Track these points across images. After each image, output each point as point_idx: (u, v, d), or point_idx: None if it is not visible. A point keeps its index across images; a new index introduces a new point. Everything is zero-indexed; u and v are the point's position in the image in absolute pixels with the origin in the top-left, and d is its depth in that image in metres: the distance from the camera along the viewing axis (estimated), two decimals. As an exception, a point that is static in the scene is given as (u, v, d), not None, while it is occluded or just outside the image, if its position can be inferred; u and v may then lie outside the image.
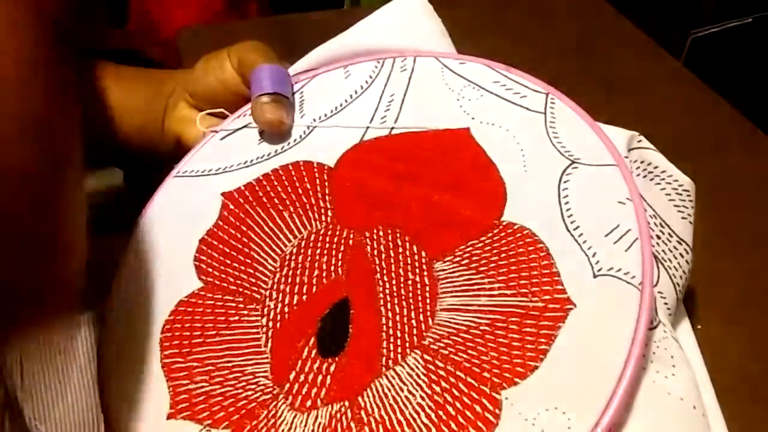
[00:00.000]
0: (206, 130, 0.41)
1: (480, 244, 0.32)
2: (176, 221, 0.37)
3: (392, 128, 0.37)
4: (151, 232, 0.37)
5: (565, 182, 0.33)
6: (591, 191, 0.33)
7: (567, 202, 0.32)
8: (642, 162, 0.35)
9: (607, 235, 0.31)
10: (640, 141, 0.35)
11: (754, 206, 0.33)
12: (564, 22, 0.34)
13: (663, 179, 0.36)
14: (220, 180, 0.38)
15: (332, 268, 0.33)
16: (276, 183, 0.37)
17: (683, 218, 0.36)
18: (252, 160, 0.38)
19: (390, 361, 0.30)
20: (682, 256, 0.36)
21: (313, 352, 0.31)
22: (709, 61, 0.61)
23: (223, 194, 0.37)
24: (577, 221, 0.32)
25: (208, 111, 0.42)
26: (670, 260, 0.35)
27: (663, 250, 0.35)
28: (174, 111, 0.44)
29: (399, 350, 0.30)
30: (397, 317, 0.31)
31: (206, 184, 0.38)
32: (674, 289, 0.35)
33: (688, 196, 0.36)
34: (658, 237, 0.35)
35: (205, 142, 0.40)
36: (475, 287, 0.31)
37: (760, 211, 0.34)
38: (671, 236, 0.36)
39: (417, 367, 0.29)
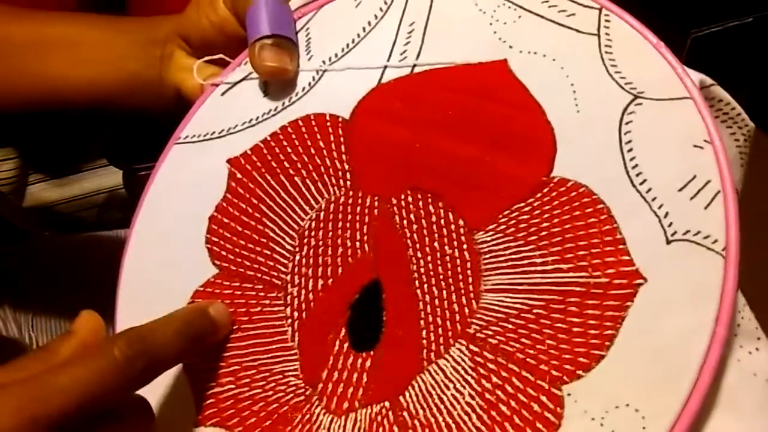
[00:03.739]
0: (204, 83, 0.36)
1: (527, 208, 0.27)
2: (182, 198, 0.33)
3: (414, 65, 0.32)
4: (156, 214, 0.33)
5: (627, 123, 0.27)
6: (660, 133, 0.27)
7: (630, 150, 0.27)
8: (711, 98, 0.29)
9: (681, 190, 0.26)
10: (713, 85, 0.29)
11: (754, 206, 0.30)
12: None
13: (735, 122, 0.30)
14: (224, 144, 0.34)
15: (357, 244, 0.29)
16: (285, 143, 0.32)
17: (741, 165, 0.30)
18: (258, 117, 0.34)
19: (432, 354, 0.26)
20: None
21: (345, 345, 0.28)
22: (709, 61, 0.60)
23: (229, 161, 0.33)
24: (644, 173, 0.26)
25: (205, 58, 0.37)
26: None
27: None
28: (171, 60, 0.39)
29: (441, 340, 0.27)
30: (436, 301, 0.27)
31: (210, 150, 0.34)
32: None
33: (750, 141, 0.30)
34: None
35: (204, 98, 0.35)
36: (525, 262, 0.27)
37: (760, 211, 0.30)
38: None
39: (463, 360, 0.26)
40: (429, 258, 0.28)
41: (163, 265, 0.32)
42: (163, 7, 0.49)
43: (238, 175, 0.32)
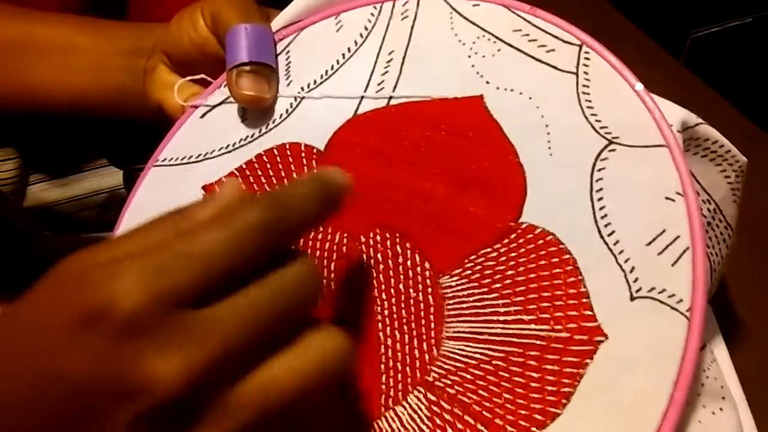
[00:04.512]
0: (185, 104, 0.36)
1: (494, 254, 0.27)
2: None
3: (390, 97, 0.31)
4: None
5: (599, 170, 0.27)
6: (632, 182, 0.26)
7: (601, 198, 0.26)
8: (697, 139, 0.28)
9: (649, 244, 0.25)
10: (699, 124, 0.28)
11: (754, 206, 0.29)
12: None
13: (725, 159, 0.29)
14: (201, 169, 0.33)
15: (324, 281, 0.29)
16: (260, 173, 0.32)
17: (734, 201, 0.29)
18: (235, 144, 0.33)
19: (390, 400, 0.26)
20: (725, 242, 0.30)
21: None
22: (709, 61, 0.58)
23: (204, 188, 0.33)
24: (612, 224, 0.26)
25: (187, 78, 0.37)
26: (713, 246, 0.29)
27: (710, 236, 0.29)
28: (154, 74, 0.39)
29: (400, 386, 0.26)
30: (398, 345, 0.27)
31: (188, 175, 0.34)
32: (711, 276, 0.29)
33: (743, 175, 0.30)
34: (708, 224, 0.29)
35: (184, 119, 0.35)
36: (488, 310, 0.26)
37: (760, 211, 0.29)
38: (721, 222, 0.29)
39: (420, 409, 0.26)
40: (394, 300, 0.28)
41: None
42: (164, 12, 0.49)
43: (212, 203, 0.32)
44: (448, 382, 0.26)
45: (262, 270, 0.21)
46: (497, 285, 0.26)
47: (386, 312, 0.28)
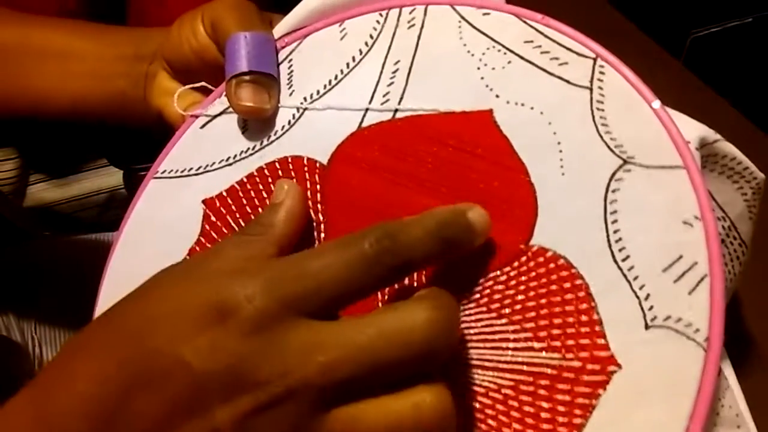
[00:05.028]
0: (184, 114, 0.35)
1: (503, 278, 0.26)
2: (158, 238, 0.32)
3: (396, 110, 0.30)
4: (132, 254, 0.32)
5: (613, 192, 0.26)
6: (648, 205, 0.25)
7: (615, 221, 0.25)
8: (715, 155, 0.27)
9: (666, 270, 0.24)
10: (717, 141, 0.27)
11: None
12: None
13: (742, 176, 0.28)
14: (201, 182, 0.32)
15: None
16: (261, 186, 0.31)
17: (750, 218, 0.28)
18: (236, 156, 0.32)
19: (395, 428, 0.26)
20: (738, 259, 0.29)
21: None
22: (709, 61, 0.59)
23: (204, 202, 0.32)
24: (627, 248, 0.25)
25: (187, 86, 0.36)
26: (726, 263, 0.29)
27: (724, 254, 0.28)
28: (155, 81, 0.38)
29: (406, 414, 0.26)
30: (404, 371, 0.26)
31: (187, 187, 0.33)
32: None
33: (760, 192, 0.29)
34: (723, 241, 0.28)
35: (184, 129, 0.34)
36: (497, 337, 0.25)
37: (760, 212, 0.30)
38: (735, 239, 0.29)
39: (426, 438, 0.25)
40: (399, 323, 0.27)
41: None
42: (163, 17, 0.48)
43: (212, 218, 0.31)
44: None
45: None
46: (507, 310, 0.26)
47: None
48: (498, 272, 0.26)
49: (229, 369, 0.20)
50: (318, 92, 0.32)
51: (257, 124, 0.32)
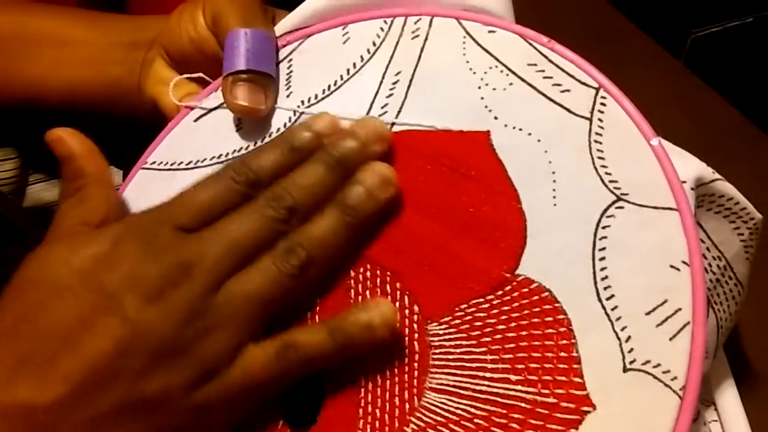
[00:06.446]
0: (179, 104, 0.34)
1: (486, 305, 0.26)
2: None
3: (393, 123, 0.30)
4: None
5: (604, 227, 0.25)
6: (637, 245, 0.25)
7: (603, 258, 0.25)
8: (712, 195, 0.27)
9: (649, 314, 0.24)
10: (715, 180, 0.26)
11: (754, 206, 0.30)
12: (564, 22, 0.27)
13: (740, 216, 0.27)
14: (190, 177, 0.32)
15: (308, 314, 0.28)
16: (252, 189, 0.31)
17: (747, 259, 0.28)
18: (227, 154, 0.32)
19: (365, 448, 0.25)
20: (734, 299, 0.29)
21: (280, 422, 0.27)
22: (709, 61, 0.58)
23: (192, 199, 0.31)
24: (613, 287, 0.25)
25: (183, 76, 0.35)
26: (721, 303, 0.29)
27: (718, 293, 0.28)
28: (151, 69, 0.37)
29: (377, 434, 0.26)
30: (379, 391, 0.26)
31: (175, 182, 0.32)
32: (717, 333, 0.29)
33: (757, 233, 0.28)
34: (718, 281, 0.28)
35: (177, 121, 0.34)
36: (474, 365, 0.25)
37: (760, 212, 0.30)
38: (731, 279, 0.28)
39: (395, 461, 0.25)
40: (378, 341, 0.27)
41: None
42: (164, 6, 0.47)
43: (199, 217, 0.31)
44: (427, 435, 0.25)
45: None
46: (486, 339, 0.25)
47: (368, 354, 0.27)
48: (481, 299, 0.26)
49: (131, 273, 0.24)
50: (316, 96, 0.31)
51: (252, 124, 0.32)
